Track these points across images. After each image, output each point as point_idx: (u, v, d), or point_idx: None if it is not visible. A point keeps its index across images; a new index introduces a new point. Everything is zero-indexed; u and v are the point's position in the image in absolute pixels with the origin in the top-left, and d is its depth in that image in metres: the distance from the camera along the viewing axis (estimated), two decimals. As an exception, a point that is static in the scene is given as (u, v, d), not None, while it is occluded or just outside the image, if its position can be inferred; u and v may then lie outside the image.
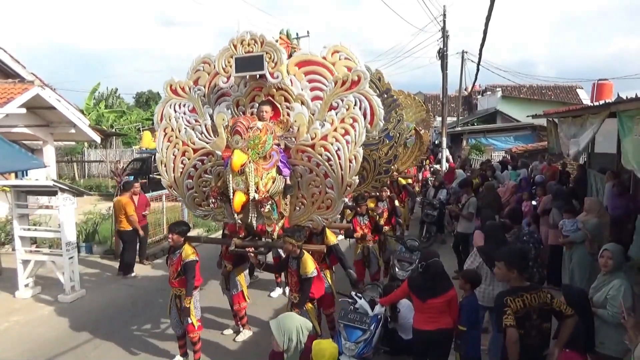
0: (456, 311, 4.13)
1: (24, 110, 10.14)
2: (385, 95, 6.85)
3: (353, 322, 4.57)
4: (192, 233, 10.63)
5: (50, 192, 7.39)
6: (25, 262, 7.33)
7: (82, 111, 15.79)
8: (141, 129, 26.17)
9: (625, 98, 4.96)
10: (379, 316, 4.68)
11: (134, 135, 25.88)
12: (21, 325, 6.38)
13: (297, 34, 6.16)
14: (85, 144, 21.46)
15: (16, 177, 10.86)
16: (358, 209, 6.64)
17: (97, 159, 23.18)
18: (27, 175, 11.26)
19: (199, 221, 11.24)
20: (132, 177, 16.28)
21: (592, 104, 8.50)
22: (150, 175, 16.08)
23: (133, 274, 8.32)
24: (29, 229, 7.64)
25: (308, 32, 6.32)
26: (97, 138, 13.32)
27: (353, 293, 4.92)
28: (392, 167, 7.15)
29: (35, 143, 13.22)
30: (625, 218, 7.15)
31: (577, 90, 29.03)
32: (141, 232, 8.43)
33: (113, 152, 23.05)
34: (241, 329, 5.96)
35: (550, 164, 12.52)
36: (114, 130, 24.07)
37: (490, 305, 4.81)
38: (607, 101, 6.18)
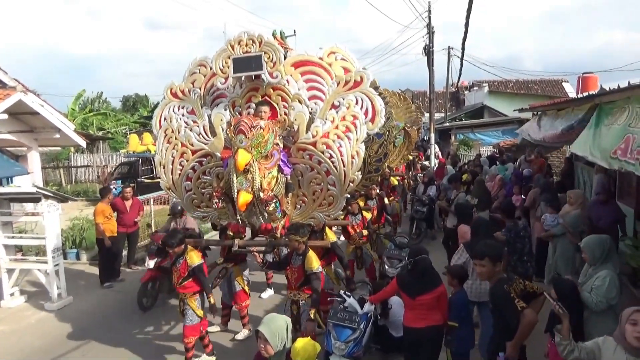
0: (445, 307, 4.11)
1: (5, 116, 9.97)
2: None
3: (342, 321, 4.53)
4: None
5: (34, 198, 7.27)
6: (10, 271, 7.20)
7: (66, 116, 15.52)
8: (128, 132, 25.92)
9: (608, 89, 4.99)
10: (368, 314, 4.64)
11: (120, 139, 25.64)
12: (7, 335, 6.27)
13: (283, 33, 6.15)
14: (72, 149, 21.22)
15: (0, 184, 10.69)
16: (349, 207, 6.60)
17: (83, 164, 22.94)
18: (12, 182, 11.09)
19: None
20: (120, 181, 16.18)
21: (577, 97, 8.55)
22: (138, 179, 15.93)
23: (108, 284, 8.01)
24: (13, 237, 7.50)
25: (295, 31, 6.34)
26: (83, 143, 13.13)
27: (342, 292, 4.90)
28: (383, 165, 7.15)
29: (19, 149, 13.01)
30: (610, 229, 5.74)
31: (563, 83, 29.34)
32: (107, 242, 7.88)
33: (100, 157, 22.84)
34: (241, 328, 5.96)
35: (537, 158, 12.58)
36: (100, 134, 23.83)
37: (478, 300, 4.82)
38: (590, 93, 6.22)
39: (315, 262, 4.66)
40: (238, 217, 4.77)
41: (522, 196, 8.51)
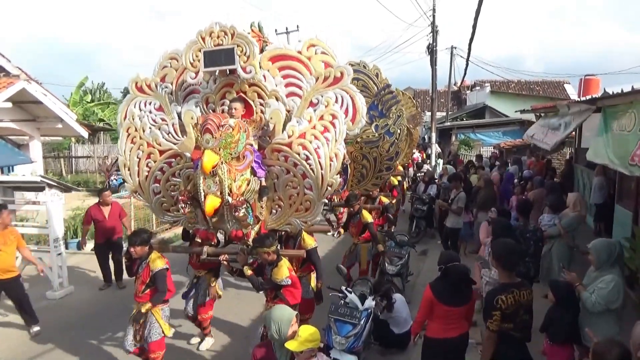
0: (472, 312, 4.03)
1: (9, 105, 9.99)
2: (384, 91, 6.86)
3: (343, 317, 4.59)
4: (174, 231, 10.56)
5: (37, 187, 7.30)
6: (12, 259, 7.22)
7: (68, 105, 15.55)
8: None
9: (611, 93, 5.02)
10: (369, 310, 4.70)
11: (122, 131, 25.56)
12: (8, 322, 6.32)
13: (286, 29, 6.14)
14: (73, 139, 21.23)
15: (1, 172, 10.70)
16: (351, 209, 6.52)
17: (84, 154, 22.97)
18: (13, 170, 11.11)
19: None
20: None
21: (579, 99, 8.60)
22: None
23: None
24: (15, 225, 7.53)
25: (298, 26, 6.34)
26: (85, 133, 13.14)
27: (343, 287, 4.95)
28: (394, 164, 7.10)
29: (21, 138, 13.01)
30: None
31: (565, 85, 29.40)
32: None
33: (101, 148, 22.85)
34: (204, 337, 5.69)
35: (537, 160, 12.64)
36: (102, 125, 23.82)
37: None
38: (593, 96, 6.26)
39: (282, 273, 4.22)
40: (207, 223, 4.42)
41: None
